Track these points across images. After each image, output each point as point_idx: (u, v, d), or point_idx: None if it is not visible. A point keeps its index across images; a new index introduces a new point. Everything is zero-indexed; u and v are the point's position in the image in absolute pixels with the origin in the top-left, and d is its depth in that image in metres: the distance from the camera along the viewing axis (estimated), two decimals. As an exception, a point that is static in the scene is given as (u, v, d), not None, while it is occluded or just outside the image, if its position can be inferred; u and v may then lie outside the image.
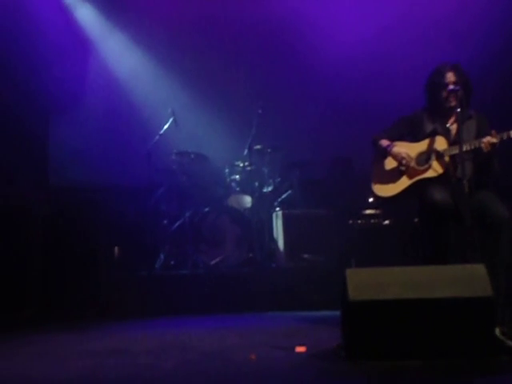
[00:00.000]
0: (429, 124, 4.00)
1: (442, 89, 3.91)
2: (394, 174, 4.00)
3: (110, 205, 5.84)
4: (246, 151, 5.87)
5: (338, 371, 2.81)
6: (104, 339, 3.96)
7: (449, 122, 3.98)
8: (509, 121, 3.91)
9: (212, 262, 5.46)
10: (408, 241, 4.94)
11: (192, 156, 5.92)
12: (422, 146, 3.97)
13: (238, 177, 5.95)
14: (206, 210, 5.68)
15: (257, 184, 5.86)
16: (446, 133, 3.94)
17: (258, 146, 5.88)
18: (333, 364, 2.92)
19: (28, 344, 3.90)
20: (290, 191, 5.92)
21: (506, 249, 3.56)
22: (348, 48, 6.27)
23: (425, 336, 2.83)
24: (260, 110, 5.82)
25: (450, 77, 3.91)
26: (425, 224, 3.79)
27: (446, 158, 3.85)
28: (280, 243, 5.57)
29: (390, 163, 4.05)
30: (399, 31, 6.25)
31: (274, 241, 5.66)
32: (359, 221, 5.55)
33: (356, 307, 2.85)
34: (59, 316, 4.76)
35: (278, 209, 5.76)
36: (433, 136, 3.94)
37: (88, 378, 2.88)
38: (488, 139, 3.69)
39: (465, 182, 3.51)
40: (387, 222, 5.55)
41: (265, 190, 5.91)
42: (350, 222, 5.62)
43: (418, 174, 3.92)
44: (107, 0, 6.62)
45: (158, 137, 5.85)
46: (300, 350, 3.18)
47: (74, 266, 5.26)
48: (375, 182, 4.07)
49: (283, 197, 5.91)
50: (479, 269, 2.93)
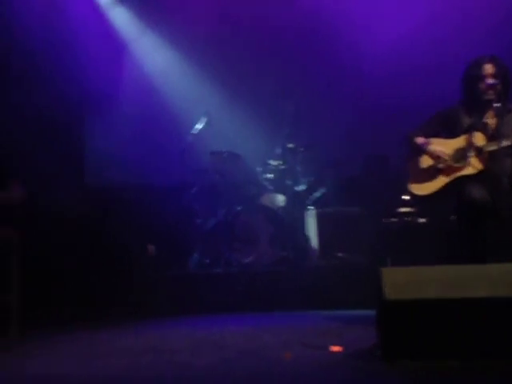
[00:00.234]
0: (465, 119, 3.91)
1: (480, 81, 3.81)
2: (431, 172, 3.92)
3: (144, 204, 5.91)
4: (279, 150, 5.85)
5: (373, 371, 2.77)
6: (139, 337, 4.01)
7: (487, 117, 3.87)
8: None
9: (245, 261, 5.46)
10: (444, 239, 4.85)
11: (225, 155, 5.93)
12: (458, 142, 3.89)
13: (271, 175, 5.93)
14: (239, 208, 5.69)
15: (290, 183, 5.84)
16: (483, 128, 3.84)
17: (291, 145, 5.86)
18: (368, 364, 2.89)
19: (65, 342, 3.97)
20: (323, 189, 5.88)
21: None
22: (382, 44, 6.19)
23: (463, 336, 2.77)
24: (293, 108, 5.79)
25: (488, 69, 3.81)
26: (462, 222, 3.70)
27: (485, 154, 3.76)
28: (313, 242, 5.54)
29: (425, 161, 3.98)
30: (434, 27, 6.14)
31: (307, 239, 5.63)
32: (394, 219, 5.48)
33: (393, 306, 2.81)
34: (95, 314, 4.83)
35: (311, 207, 5.73)
36: (470, 131, 3.85)
37: (125, 376, 2.91)
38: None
39: (504, 178, 3.42)
40: (423, 220, 5.46)
41: (298, 188, 5.88)
42: (385, 220, 5.55)
43: (455, 172, 3.84)
44: (140, 1, 6.67)
45: (191, 136, 5.88)
46: (335, 349, 3.15)
47: (109, 264, 5.34)
48: (411, 180, 4.00)
49: (316, 195, 5.87)
50: (520, 268, 2.86)
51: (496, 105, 3.55)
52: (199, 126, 5.92)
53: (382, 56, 6.18)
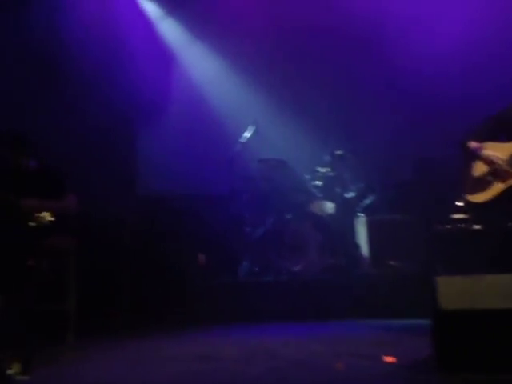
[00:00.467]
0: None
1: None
2: (486, 179, 3.80)
3: (194, 213, 5.97)
4: (328, 157, 5.81)
5: (429, 383, 2.70)
6: (191, 345, 4.05)
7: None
8: None
9: (295, 269, 5.44)
10: (500, 247, 4.68)
11: (273, 163, 5.94)
12: (515, 146, 3.76)
13: (319, 183, 5.89)
14: (288, 216, 5.68)
15: (339, 190, 5.79)
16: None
17: (340, 152, 5.81)
18: (423, 376, 2.82)
19: (117, 348, 4.05)
20: (373, 196, 5.80)
21: None
22: (430, 46, 6.08)
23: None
24: (341, 115, 5.75)
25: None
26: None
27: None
28: (364, 250, 5.47)
29: (480, 167, 3.86)
30: (486, 28, 5.98)
31: (357, 247, 5.55)
32: (447, 226, 5.33)
33: (448, 316, 2.74)
34: (146, 322, 4.90)
35: (361, 215, 5.65)
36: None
37: (179, 383, 2.94)
38: None
39: None
40: (477, 226, 5.29)
41: (347, 195, 5.82)
42: (437, 226, 5.40)
43: (511, 178, 3.71)
44: (189, 12, 6.77)
45: (239, 145, 5.92)
46: (388, 359, 3.10)
47: (161, 273, 5.42)
48: (466, 186, 3.89)
49: (366, 202, 5.79)
50: None
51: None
52: (247, 134, 5.95)
53: (430, 58, 6.07)
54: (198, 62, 6.79)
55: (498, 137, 3.87)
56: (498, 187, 3.75)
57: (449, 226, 5.30)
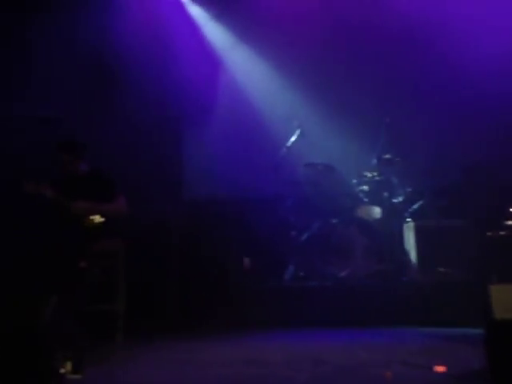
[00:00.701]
0: None
1: None
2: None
3: (239, 217, 5.99)
4: (375, 161, 5.73)
5: (482, 395, 2.63)
6: (237, 349, 4.06)
7: None
8: None
9: (341, 274, 5.39)
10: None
11: (319, 167, 5.90)
12: None
13: (366, 187, 5.82)
14: (335, 221, 5.63)
15: (386, 194, 5.70)
16: None
17: (387, 156, 5.72)
18: (476, 387, 2.74)
19: (166, 350, 4.10)
20: (421, 201, 5.66)
21: None
22: (481, 47, 5.92)
23: None
24: (388, 119, 5.66)
25: None
26: None
27: None
28: (412, 256, 5.35)
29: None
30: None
31: (405, 253, 5.45)
32: (500, 232, 5.16)
33: (503, 326, 2.65)
34: (192, 325, 4.95)
35: (409, 220, 5.54)
36: None
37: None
38: None
39: None
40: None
41: (395, 200, 5.72)
42: (490, 233, 5.24)
43: None
44: (235, 15, 6.80)
45: (285, 149, 5.92)
46: (439, 369, 3.02)
47: (207, 276, 5.46)
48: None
49: (415, 207, 5.66)
50: None
51: None
52: (293, 138, 5.94)
53: (481, 59, 5.91)
54: (244, 65, 6.80)
55: None
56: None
57: (502, 233, 5.14)
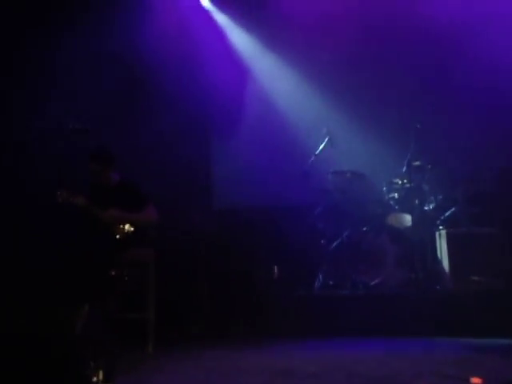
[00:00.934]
0: None
1: None
2: None
3: (268, 225, 5.98)
4: (405, 168, 5.65)
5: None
6: (267, 358, 4.03)
7: None
8: None
9: (372, 283, 5.32)
10: None
11: (348, 175, 5.85)
12: None
13: (396, 195, 5.74)
14: (365, 229, 5.57)
15: (417, 201, 5.60)
16: None
17: (418, 162, 5.63)
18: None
19: (196, 359, 4.10)
20: (453, 208, 5.56)
21: None
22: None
23: None
24: (418, 125, 5.58)
25: None
26: None
27: None
28: (445, 264, 5.25)
29: None
30: None
31: (437, 261, 5.34)
32: (537, 240, 5.04)
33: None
34: (221, 333, 4.94)
35: (441, 227, 5.44)
36: None
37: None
38: None
39: None
40: None
41: (426, 207, 5.63)
42: (525, 240, 5.12)
43: None
44: (262, 24, 6.81)
45: (314, 157, 5.89)
46: (476, 381, 2.94)
47: (236, 285, 5.45)
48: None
49: (446, 215, 5.55)
50: None
51: None
52: (322, 145, 5.90)
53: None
54: (272, 73, 6.80)
55: None
56: None
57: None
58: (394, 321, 4.84)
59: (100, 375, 3.17)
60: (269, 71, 6.79)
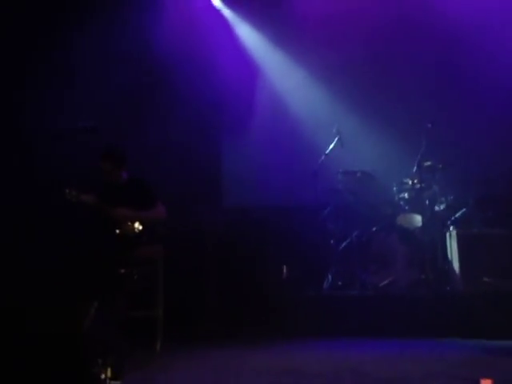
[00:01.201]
0: None
1: None
2: None
3: (278, 224, 5.96)
4: (415, 168, 5.61)
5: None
6: (275, 358, 4.02)
7: None
8: None
9: (381, 284, 5.29)
10: None
11: (358, 175, 5.82)
12: None
13: (406, 195, 5.70)
14: (374, 229, 5.54)
15: (427, 202, 5.56)
16: None
17: (428, 163, 5.59)
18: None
19: (205, 358, 4.09)
20: (464, 209, 5.52)
21: None
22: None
23: None
24: (429, 125, 5.55)
25: None
26: None
27: None
28: (455, 265, 5.21)
29: None
30: None
31: (448, 262, 5.30)
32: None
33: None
34: (231, 332, 4.93)
35: (451, 228, 5.40)
36: None
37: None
38: None
39: None
40: None
41: (436, 208, 5.58)
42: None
43: None
44: (271, 22, 6.79)
45: (323, 156, 5.86)
46: (486, 382, 2.92)
47: (245, 284, 5.44)
48: None
49: (457, 215, 5.51)
50: None
51: None
52: (332, 145, 5.88)
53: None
54: (283, 72, 6.79)
55: None
56: None
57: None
58: (403, 322, 4.81)
59: (108, 373, 3.18)
60: (280, 70, 6.77)
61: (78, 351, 3.02)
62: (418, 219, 5.58)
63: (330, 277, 5.58)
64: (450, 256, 5.31)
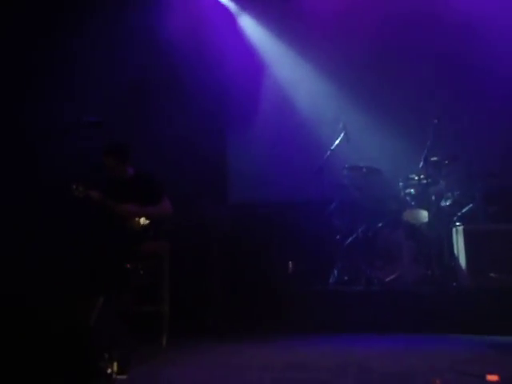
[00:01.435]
0: None
1: None
2: None
3: (283, 220, 5.97)
4: (422, 163, 5.59)
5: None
6: (281, 353, 4.02)
7: None
8: None
9: (387, 279, 5.28)
10: None
11: (364, 170, 5.81)
12: None
13: (412, 190, 5.69)
14: (380, 224, 5.53)
15: (434, 197, 5.54)
16: None
17: (435, 158, 5.57)
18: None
19: (210, 353, 4.10)
20: (471, 205, 5.49)
21: None
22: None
23: None
24: (436, 120, 5.52)
25: None
26: None
27: None
28: (461, 261, 5.19)
29: None
30: None
31: (454, 258, 5.28)
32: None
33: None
34: (236, 327, 4.94)
35: (458, 224, 5.38)
36: None
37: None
38: None
39: None
40: None
41: (443, 203, 5.56)
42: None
43: None
44: (277, 19, 6.78)
45: (329, 152, 5.85)
46: (492, 378, 2.91)
47: (251, 279, 5.45)
48: None
49: (464, 211, 5.49)
50: None
51: None
52: (338, 141, 5.87)
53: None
54: (288, 68, 6.78)
55: None
56: None
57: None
58: (409, 317, 4.80)
59: (114, 367, 3.20)
60: (286, 66, 6.76)
61: (84, 345, 3.03)
62: (424, 215, 5.56)
63: (335, 272, 5.58)
64: (456, 252, 5.29)
